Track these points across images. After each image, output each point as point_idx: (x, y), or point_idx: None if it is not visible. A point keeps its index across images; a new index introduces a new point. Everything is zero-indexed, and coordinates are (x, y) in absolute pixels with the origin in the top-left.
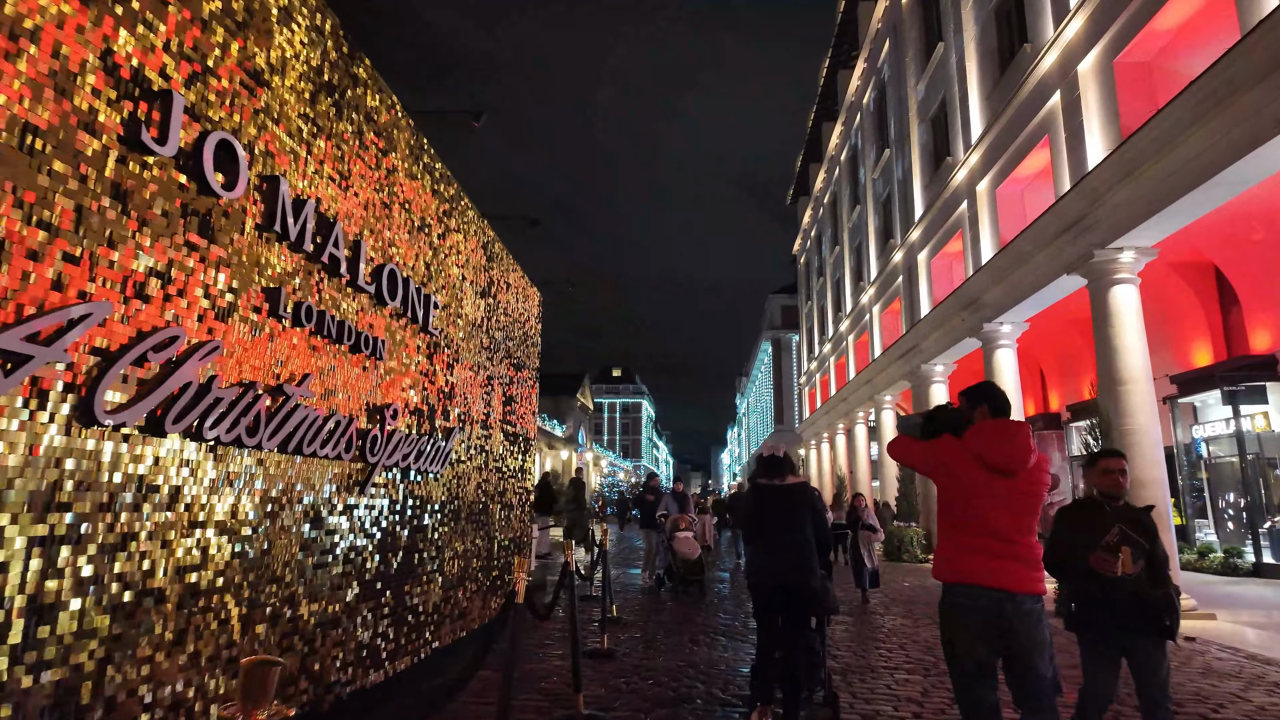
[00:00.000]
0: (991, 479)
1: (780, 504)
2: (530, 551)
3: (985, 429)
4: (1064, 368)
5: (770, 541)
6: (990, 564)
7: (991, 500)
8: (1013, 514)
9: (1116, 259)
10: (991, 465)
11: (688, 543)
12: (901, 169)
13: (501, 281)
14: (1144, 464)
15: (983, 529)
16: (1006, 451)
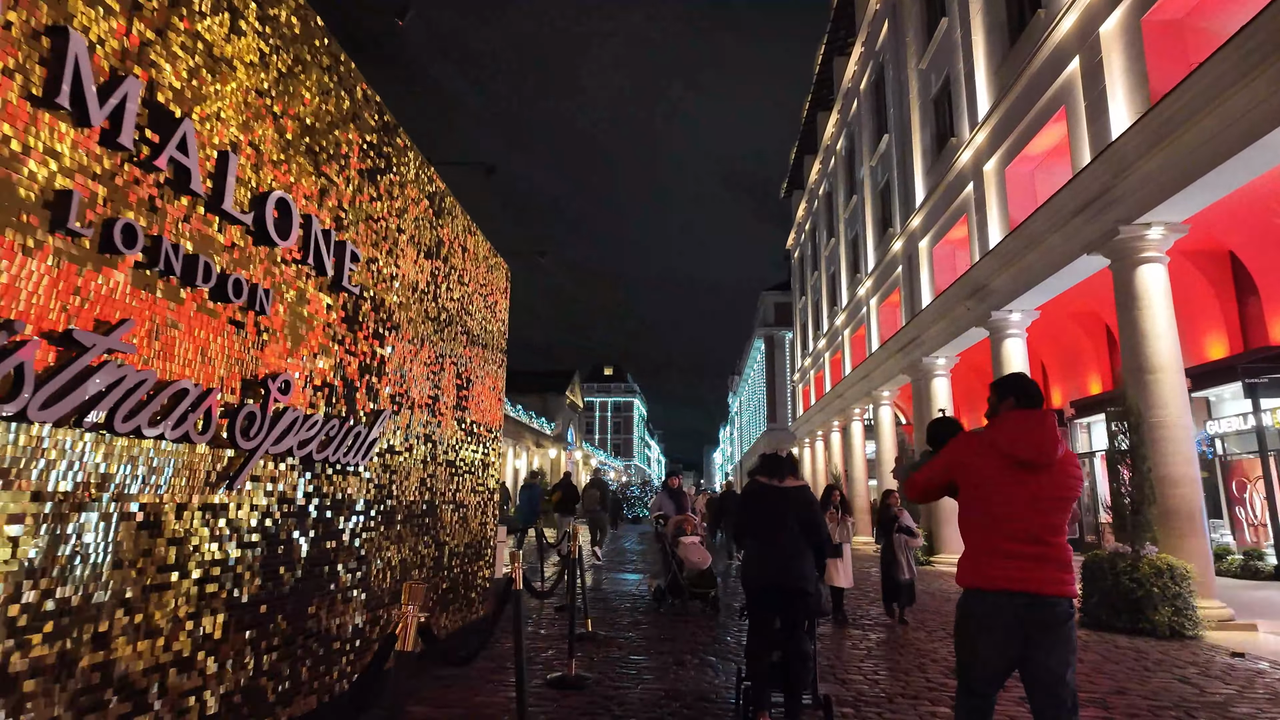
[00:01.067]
0: (1019, 474)
1: (779, 504)
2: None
3: (1010, 419)
4: (1067, 363)
5: (769, 540)
6: (1020, 566)
7: (1019, 497)
8: (1042, 512)
9: (1144, 236)
10: (1020, 459)
11: (696, 549)
12: (901, 154)
13: (455, 244)
14: (1176, 461)
15: (1011, 529)
16: (1035, 442)
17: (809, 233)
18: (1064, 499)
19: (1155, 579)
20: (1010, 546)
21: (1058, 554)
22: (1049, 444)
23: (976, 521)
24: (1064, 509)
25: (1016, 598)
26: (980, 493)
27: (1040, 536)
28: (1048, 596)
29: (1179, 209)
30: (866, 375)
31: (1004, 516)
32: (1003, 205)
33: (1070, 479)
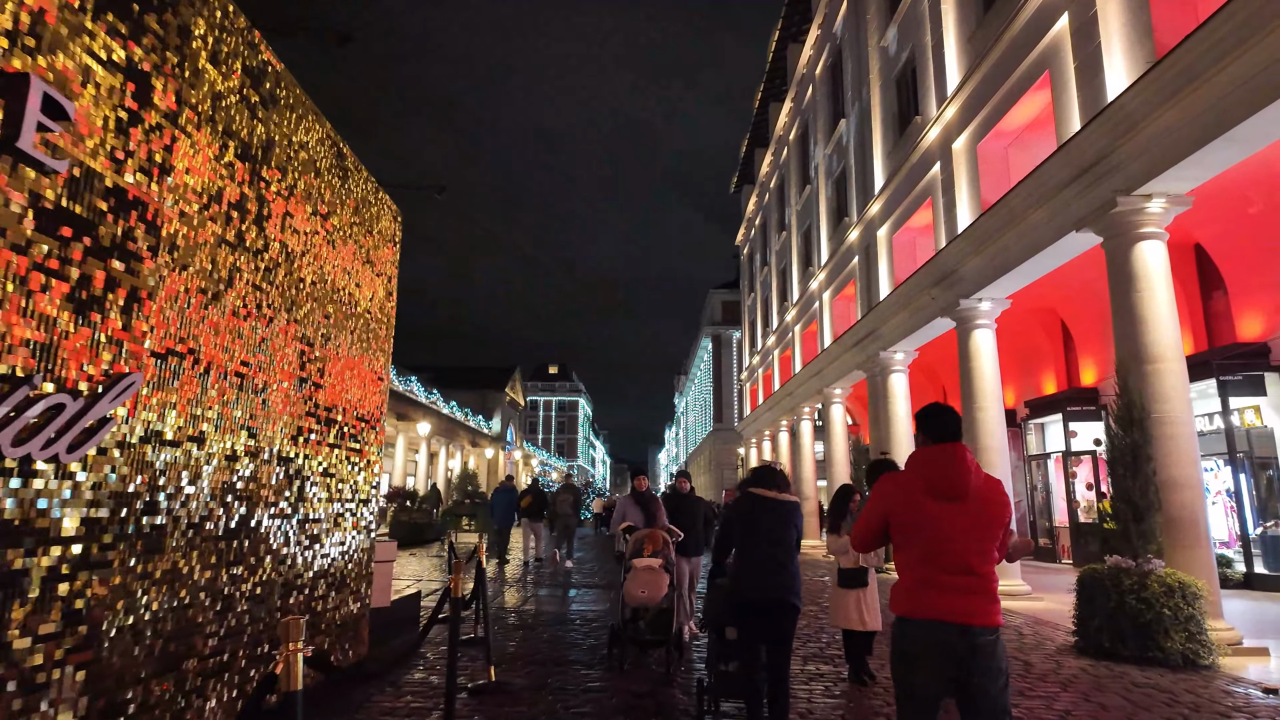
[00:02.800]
0: (943, 506)
1: (779, 517)
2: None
3: (926, 454)
4: (1022, 362)
5: (761, 556)
6: (952, 599)
7: (947, 529)
8: (972, 540)
9: (1143, 209)
10: (939, 492)
11: (649, 577)
12: (859, 139)
13: (298, 153)
14: (1179, 463)
15: (943, 561)
16: (949, 476)
17: (759, 227)
18: (990, 526)
19: (1166, 599)
20: (943, 579)
21: (985, 584)
22: (962, 476)
23: (911, 555)
24: (992, 536)
25: (951, 628)
26: (911, 528)
27: (971, 566)
28: (977, 627)
29: (1187, 176)
30: (819, 372)
31: (936, 549)
32: (974, 185)
33: (994, 505)
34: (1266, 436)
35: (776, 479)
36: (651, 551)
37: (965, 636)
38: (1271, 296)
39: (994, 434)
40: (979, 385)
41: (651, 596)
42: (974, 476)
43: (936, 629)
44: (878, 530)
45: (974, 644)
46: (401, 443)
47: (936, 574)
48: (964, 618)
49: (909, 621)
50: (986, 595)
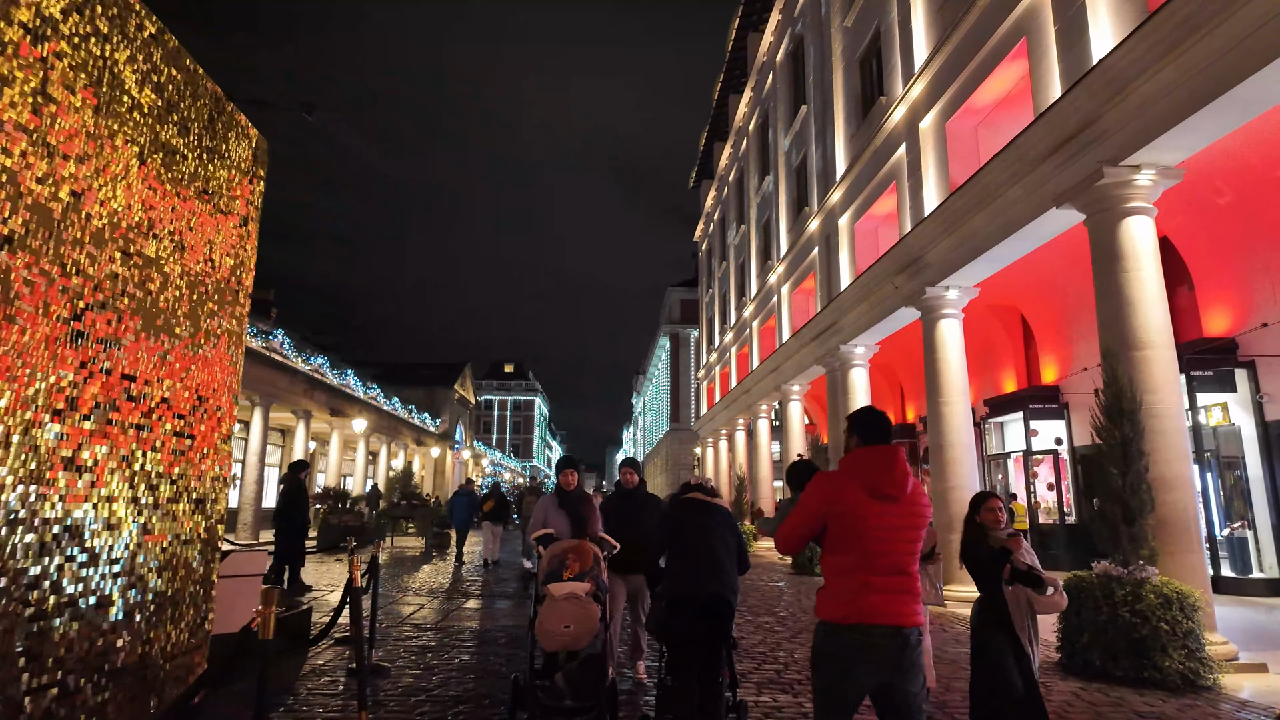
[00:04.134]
0: (880, 507)
1: (704, 519)
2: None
3: (865, 454)
4: (981, 359)
5: (697, 560)
6: (885, 600)
7: (883, 530)
8: (903, 542)
9: (1131, 182)
10: (879, 492)
11: (573, 610)
12: (821, 124)
13: (112, 49)
14: (1170, 458)
15: (877, 562)
16: (890, 476)
17: (718, 223)
18: (918, 528)
19: (1163, 612)
20: (877, 580)
21: (913, 584)
22: (901, 477)
23: (846, 557)
24: (918, 538)
25: (883, 630)
26: (849, 529)
27: (903, 567)
28: (905, 628)
29: (1183, 143)
30: (776, 368)
31: (873, 551)
32: (941, 166)
33: (922, 507)
34: (1233, 435)
35: (704, 488)
36: (577, 572)
37: (898, 637)
38: (1240, 291)
39: (960, 429)
40: (944, 379)
41: (577, 637)
42: (910, 479)
43: (872, 632)
44: (814, 530)
45: (905, 644)
46: (336, 440)
47: (873, 576)
48: (897, 619)
49: (843, 626)
50: (914, 595)
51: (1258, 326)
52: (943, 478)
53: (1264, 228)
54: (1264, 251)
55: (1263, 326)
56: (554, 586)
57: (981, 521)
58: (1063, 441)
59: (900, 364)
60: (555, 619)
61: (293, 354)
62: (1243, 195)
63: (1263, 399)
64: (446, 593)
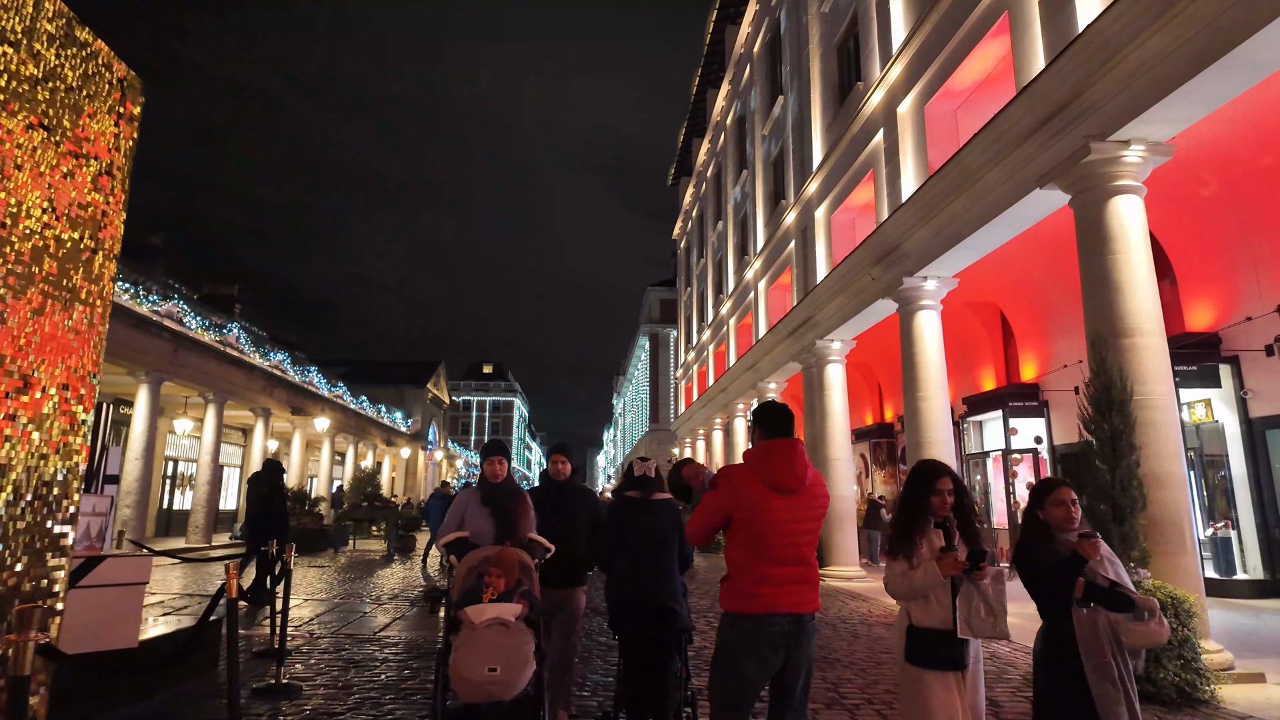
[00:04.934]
0: (780, 499)
1: (648, 520)
2: None
3: (768, 448)
4: (960, 357)
5: (638, 561)
6: (786, 590)
7: (783, 522)
8: (802, 533)
9: (1120, 158)
10: (780, 485)
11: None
12: (798, 114)
13: None
14: (1162, 454)
15: (778, 553)
16: (790, 468)
17: (696, 219)
18: (816, 520)
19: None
20: (777, 571)
21: (811, 573)
22: (800, 469)
23: (747, 549)
24: (816, 529)
25: (784, 618)
26: (751, 521)
27: (804, 556)
28: (805, 615)
29: (1176, 115)
30: (753, 365)
31: (773, 542)
32: (920, 151)
33: (820, 499)
34: (1217, 433)
35: (648, 482)
36: (503, 590)
37: (796, 624)
38: (1223, 285)
39: (938, 425)
40: (922, 373)
41: (507, 684)
42: (810, 472)
43: (773, 621)
44: (719, 524)
45: (802, 630)
46: (299, 440)
47: (775, 567)
48: (796, 607)
49: (744, 616)
50: (813, 584)
51: (1241, 321)
52: None
53: (1250, 219)
54: (1249, 243)
55: (1246, 320)
56: (473, 610)
57: (1047, 519)
58: (1042, 440)
59: (878, 363)
60: (476, 658)
61: (250, 349)
62: (1228, 186)
63: (1246, 395)
64: (393, 599)
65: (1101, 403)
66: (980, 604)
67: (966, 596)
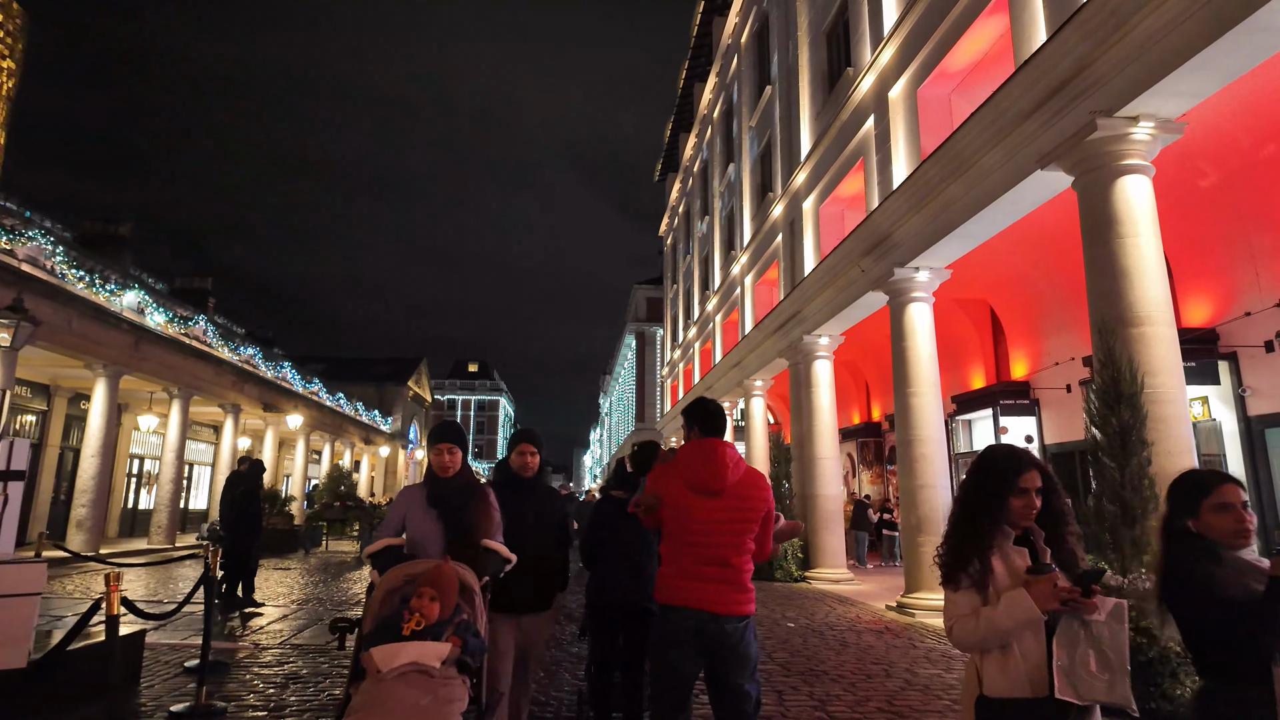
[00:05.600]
0: (701, 500)
1: (630, 522)
2: None
3: (688, 449)
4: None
5: (617, 561)
6: (704, 589)
7: (703, 522)
8: (726, 534)
9: (1127, 135)
10: (696, 486)
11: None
12: (786, 104)
13: None
14: (1173, 450)
15: (699, 553)
16: (707, 470)
17: (682, 215)
18: (744, 521)
19: (1173, 629)
20: (699, 569)
21: (737, 576)
22: (719, 471)
23: (673, 546)
24: (747, 530)
25: (702, 615)
26: (675, 519)
27: (726, 559)
28: (723, 616)
29: (1189, 88)
30: (739, 362)
31: (694, 541)
32: (912, 137)
33: (748, 500)
34: (1214, 431)
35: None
36: (435, 620)
37: (715, 624)
38: (1222, 279)
39: (929, 423)
40: (913, 367)
41: None
42: (731, 472)
43: (690, 615)
44: (655, 518)
45: (723, 631)
46: (271, 437)
47: (694, 565)
48: (714, 606)
49: (668, 609)
50: (737, 586)
51: (1240, 316)
52: (911, 475)
53: (1250, 211)
54: (1249, 236)
55: (1245, 316)
56: (382, 654)
57: (1204, 531)
58: (1033, 439)
59: (866, 361)
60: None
61: (219, 342)
62: (1228, 176)
63: (1245, 392)
64: (357, 605)
65: (1110, 395)
66: (1090, 652)
67: (1069, 639)
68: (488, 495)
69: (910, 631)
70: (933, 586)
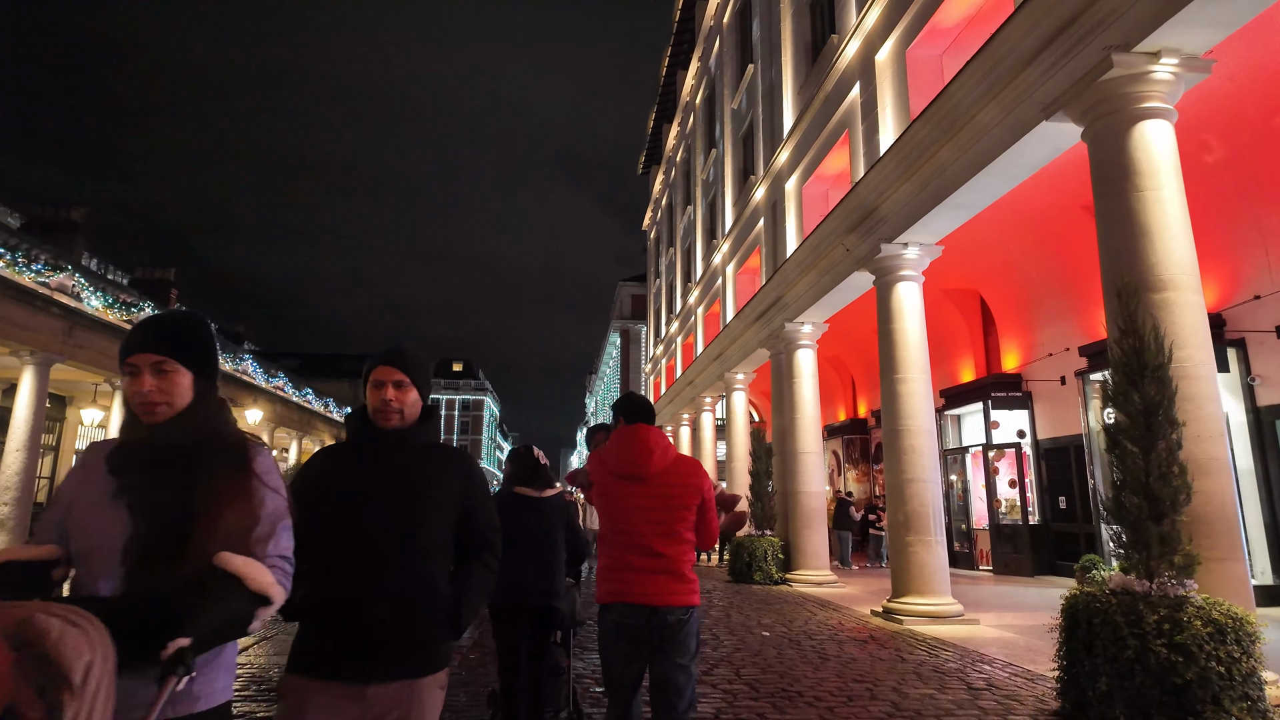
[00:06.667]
0: (627, 488)
1: (534, 517)
2: None
3: (615, 436)
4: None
5: (519, 559)
6: (639, 580)
7: (630, 510)
8: (653, 523)
9: (1148, 74)
10: (620, 473)
11: None
12: (768, 81)
13: None
14: (1204, 434)
15: (629, 543)
16: (630, 456)
17: (665, 208)
18: (675, 509)
19: (1214, 646)
20: (631, 560)
21: (671, 565)
22: (641, 456)
23: (607, 538)
24: (678, 517)
25: (641, 610)
26: (605, 509)
27: (654, 548)
28: (660, 608)
29: (1222, 16)
30: (720, 355)
31: (623, 531)
32: (901, 102)
33: (675, 487)
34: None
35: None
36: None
37: (655, 617)
38: (1229, 261)
39: (919, 412)
40: (901, 352)
41: None
42: (658, 458)
43: (629, 612)
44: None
45: (664, 624)
46: None
47: (626, 555)
48: (647, 599)
49: (606, 606)
50: (674, 575)
51: (1249, 299)
52: (898, 468)
53: (1259, 187)
54: (1258, 215)
55: (1254, 299)
56: None
57: None
58: (1025, 434)
59: (852, 356)
60: None
61: None
62: (1235, 151)
63: (1254, 381)
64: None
65: (1132, 369)
66: None
67: None
68: (244, 450)
69: (897, 641)
70: (921, 590)
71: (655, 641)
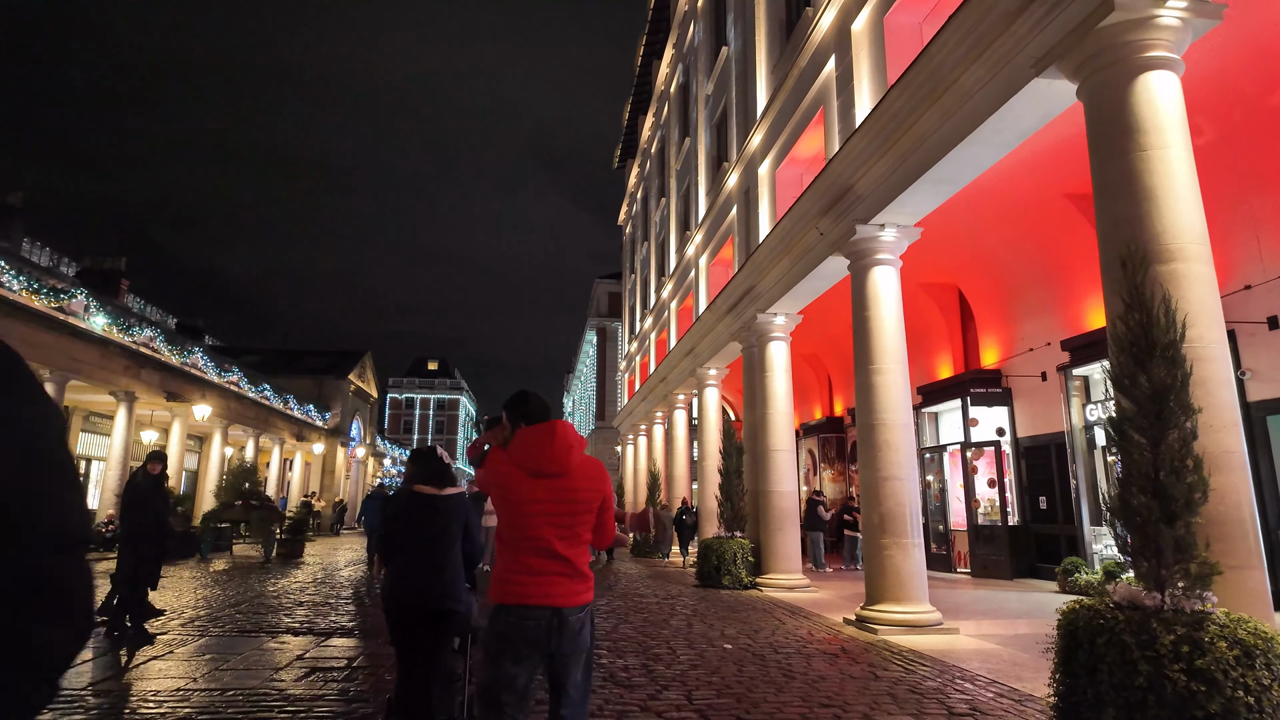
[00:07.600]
0: (535, 489)
1: (433, 518)
2: None
3: (523, 433)
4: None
5: (416, 560)
6: (541, 582)
7: (535, 515)
8: (556, 526)
9: (1152, 20)
10: (531, 469)
11: None
12: (742, 62)
13: None
14: (1215, 424)
15: (530, 544)
16: (546, 452)
17: (640, 201)
18: (576, 511)
19: (1242, 670)
20: (533, 561)
21: (571, 566)
22: (561, 452)
23: (506, 537)
24: (581, 520)
25: (542, 612)
26: (508, 509)
27: (555, 550)
28: (563, 609)
29: None
30: (692, 349)
31: (525, 531)
32: (878, 72)
33: (583, 490)
34: None
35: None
36: None
37: (556, 618)
38: (1218, 248)
39: (895, 405)
40: (877, 341)
41: None
42: (576, 453)
43: (528, 613)
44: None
45: (563, 624)
46: (179, 430)
47: (527, 556)
48: (549, 600)
49: (501, 608)
50: (575, 576)
51: (1239, 289)
52: (873, 465)
53: (1252, 171)
54: (1249, 200)
55: (1245, 289)
56: None
57: None
58: (1005, 432)
59: (828, 353)
60: None
61: (102, 318)
62: (1227, 132)
63: (1244, 375)
64: (214, 621)
65: (1139, 347)
66: None
67: None
68: None
69: (871, 655)
70: (897, 597)
71: (555, 643)
